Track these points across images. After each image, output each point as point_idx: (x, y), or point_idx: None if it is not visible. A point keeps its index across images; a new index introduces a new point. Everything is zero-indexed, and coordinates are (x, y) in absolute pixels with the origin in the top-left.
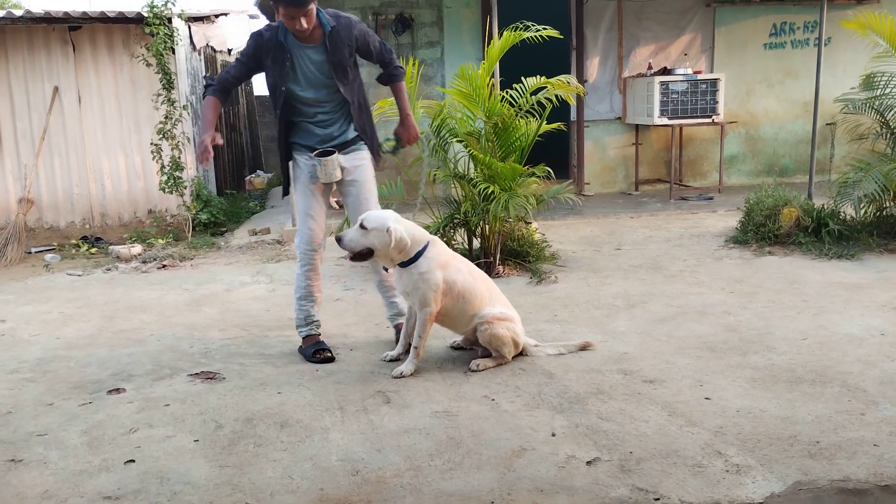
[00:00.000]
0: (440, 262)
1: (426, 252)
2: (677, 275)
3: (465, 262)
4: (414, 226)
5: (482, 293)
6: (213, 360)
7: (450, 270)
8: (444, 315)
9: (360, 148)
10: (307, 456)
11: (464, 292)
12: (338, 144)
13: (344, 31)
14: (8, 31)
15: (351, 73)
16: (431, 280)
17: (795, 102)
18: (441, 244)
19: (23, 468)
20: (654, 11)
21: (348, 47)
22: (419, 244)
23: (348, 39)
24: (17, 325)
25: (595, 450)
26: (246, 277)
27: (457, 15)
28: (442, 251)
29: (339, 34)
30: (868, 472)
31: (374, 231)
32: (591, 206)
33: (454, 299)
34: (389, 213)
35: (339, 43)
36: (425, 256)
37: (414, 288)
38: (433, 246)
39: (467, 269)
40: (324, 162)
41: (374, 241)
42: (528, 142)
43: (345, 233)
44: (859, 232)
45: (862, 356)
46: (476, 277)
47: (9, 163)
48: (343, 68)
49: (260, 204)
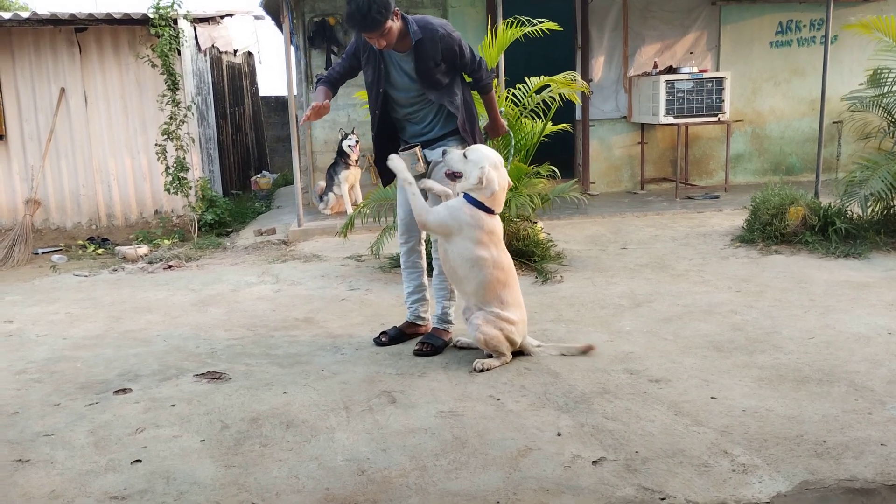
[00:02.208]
0: (474, 225)
1: (485, 211)
2: (683, 274)
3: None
4: (504, 189)
5: (496, 286)
6: (219, 361)
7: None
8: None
9: (448, 143)
10: (313, 456)
11: (474, 263)
12: (425, 140)
13: (429, 44)
14: (14, 33)
15: (443, 78)
16: (455, 216)
17: (802, 100)
18: (500, 224)
19: (30, 468)
20: (659, 10)
21: (433, 60)
22: (491, 201)
23: (433, 52)
24: (24, 326)
25: (601, 449)
26: (252, 278)
27: (462, 14)
28: (490, 225)
29: (424, 47)
30: (875, 472)
31: (472, 163)
32: (596, 206)
33: (460, 256)
34: (491, 155)
35: (425, 55)
36: (479, 209)
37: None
38: (495, 217)
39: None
40: (403, 156)
41: (467, 170)
42: (532, 142)
43: (454, 151)
44: (866, 230)
45: (869, 355)
46: (497, 265)
47: (16, 164)
48: (430, 78)
49: (266, 204)
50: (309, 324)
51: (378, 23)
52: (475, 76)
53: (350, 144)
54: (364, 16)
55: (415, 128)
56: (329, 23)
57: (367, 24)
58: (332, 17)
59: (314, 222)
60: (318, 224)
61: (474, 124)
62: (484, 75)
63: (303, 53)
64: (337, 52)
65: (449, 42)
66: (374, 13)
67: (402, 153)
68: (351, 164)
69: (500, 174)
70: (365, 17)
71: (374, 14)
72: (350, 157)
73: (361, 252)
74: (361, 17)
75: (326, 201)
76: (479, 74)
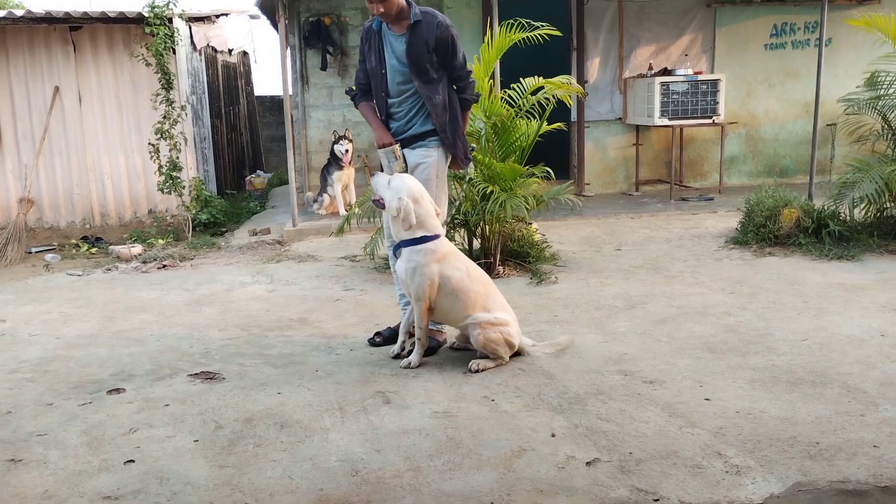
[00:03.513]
0: (438, 256)
1: (430, 243)
2: (677, 275)
3: (466, 262)
4: (432, 214)
5: (478, 295)
6: (212, 361)
7: (447, 266)
8: (436, 310)
9: (428, 145)
10: (307, 456)
11: (458, 291)
12: (405, 138)
13: (426, 28)
14: (9, 31)
15: (431, 70)
16: (427, 272)
17: (796, 103)
18: (448, 243)
19: (22, 468)
20: (654, 12)
21: (426, 44)
22: (426, 231)
23: (428, 37)
24: (17, 325)
25: (595, 450)
26: (246, 277)
27: (458, 15)
28: (444, 247)
29: (420, 30)
30: (868, 474)
31: (392, 191)
32: (591, 207)
33: (447, 295)
34: (415, 188)
35: (419, 38)
36: (426, 245)
37: (410, 276)
38: (439, 241)
39: (465, 268)
40: (380, 154)
41: (388, 198)
42: (528, 142)
43: (380, 175)
44: (860, 233)
45: (862, 357)
46: (474, 279)
47: (9, 162)
48: (420, 64)
49: (260, 204)
50: (303, 324)
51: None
52: (460, 84)
53: (341, 150)
54: None
55: (395, 124)
56: (325, 22)
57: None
58: (327, 17)
59: (309, 222)
60: (313, 224)
61: (457, 128)
62: (468, 88)
63: (298, 53)
64: (332, 52)
65: (445, 32)
66: None
67: (381, 151)
68: (344, 165)
69: (421, 207)
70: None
71: None
72: (342, 160)
73: (356, 252)
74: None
75: (320, 202)
76: (464, 84)
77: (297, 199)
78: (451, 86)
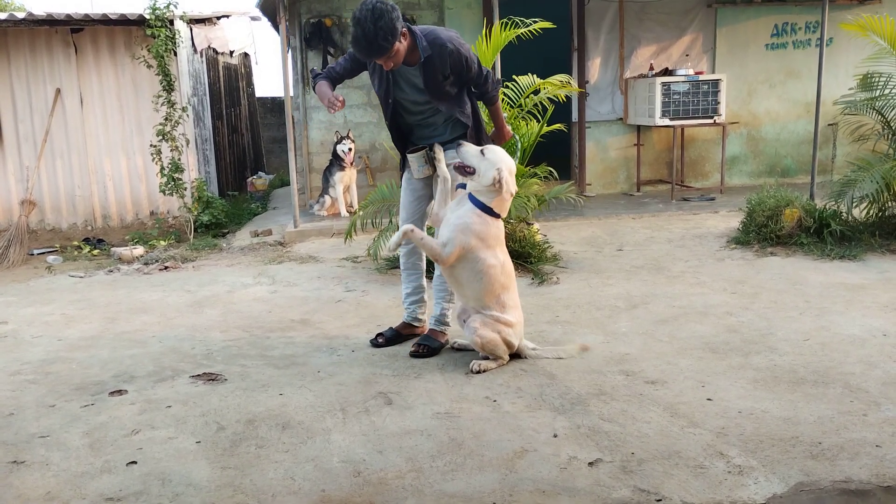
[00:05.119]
0: (487, 234)
1: (492, 216)
2: (679, 276)
3: (506, 255)
4: (512, 193)
5: (501, 287)
6: (214, 362)
7: (485, 248)
8: (455, 275)
9: (453, 148)
10: (309, 457)
11: (483, 273)
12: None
13: (438, 59)
14: (10, 34)
15: (451, 90)
16: (470, 236)
17: (797, 103)
18: (502, 228)
19: (25, 470)
20: (655, 12)
21: (441, 73)
22: (498, 205)
23: (442, 67)
24: (19, 327)
25: (597, 451)
26: (248, 279)
27: (458, 16)
28: (497, 230)
29: (433, 63)
30: (870, 473)
31: (489, 162)
32: (592, 207)
33: (475, 274)
34: (508, 159)
35: (434, 70)
36: (487, 214)
37: (455, 228)
38: (499, 221)
39: (502, 259)
40: (410, 159)
41: (483, 168)
42: (528, 143)
43: (470, 146)
44: (861, 232)
45: (864, 357)
46: (504, 272)
47: (11, 164)
48: (439, 91)
49: (262, 205)
50: (305, 325)
51: (384, 49)
52: (481, 89)
53: (344, 150)
54: (370, 42)
55: (424, 131)
56: (325, 24)
57: (374, 50)
58: (328, 19)
59: (310, 223)
60: (315, 225)
61: (481, 132)
62: (490, 88)
63: (299, 54)
64: (333, 54)
65: (458, 57)
66: (380, 40)
67: (410, 155)
68: (346, 166)
69: (513, 180)
70: (371, 44)
71: (380, 41)
72: (344, 160)
73: (357, 253)
74: (367, 43)
75: (322, 203)
76: (486, 87)
77: (298, 201)
78: (472, 89)
